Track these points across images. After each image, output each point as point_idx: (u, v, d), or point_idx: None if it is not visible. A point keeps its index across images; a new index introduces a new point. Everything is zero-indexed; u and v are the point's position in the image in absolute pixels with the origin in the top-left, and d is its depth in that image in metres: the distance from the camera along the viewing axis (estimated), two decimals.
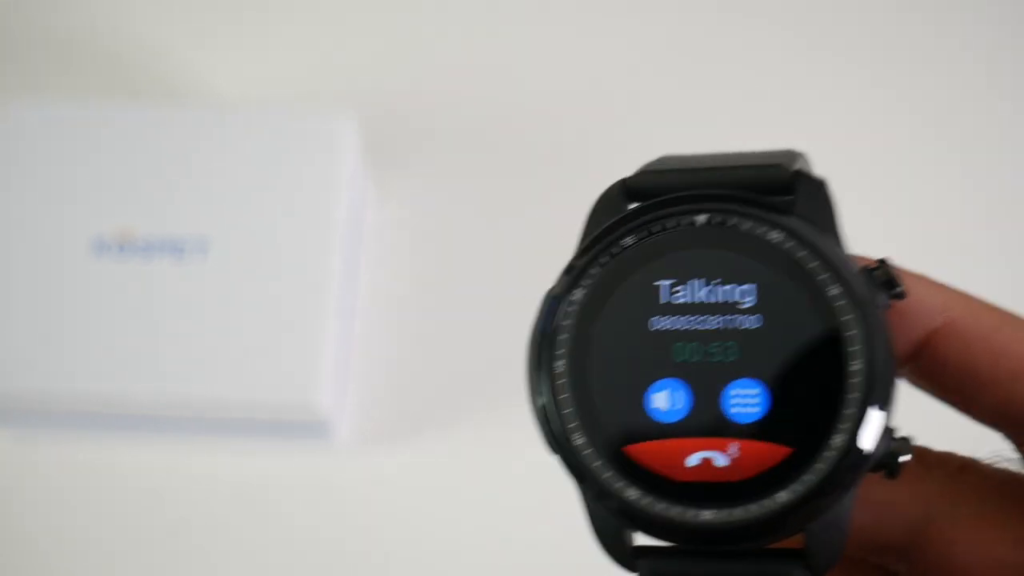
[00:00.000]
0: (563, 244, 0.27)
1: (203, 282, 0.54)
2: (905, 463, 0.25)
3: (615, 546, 0.26)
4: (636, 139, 0.61)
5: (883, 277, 0.25)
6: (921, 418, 0.30)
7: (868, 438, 0.24)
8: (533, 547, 0.58)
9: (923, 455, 0.27)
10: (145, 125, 0.56)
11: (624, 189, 0.27)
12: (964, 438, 0.29)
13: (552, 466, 0.63)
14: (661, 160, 0.28)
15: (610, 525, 0.26)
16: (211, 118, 0.56)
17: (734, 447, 0.25)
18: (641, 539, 0.26)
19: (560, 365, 0.26)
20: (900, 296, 0.25)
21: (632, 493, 0.25)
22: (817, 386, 0.24)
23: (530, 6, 0.65)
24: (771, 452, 0.25)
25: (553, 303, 0.26)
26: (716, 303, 0.25)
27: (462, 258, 0.61)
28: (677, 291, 0.26)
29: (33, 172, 0.55)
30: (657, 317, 0.26)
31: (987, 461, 0.27)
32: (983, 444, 0.28)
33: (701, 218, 0.26)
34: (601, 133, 0.62)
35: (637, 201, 0.27)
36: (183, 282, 0.54)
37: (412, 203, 0.62)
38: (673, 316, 0.26)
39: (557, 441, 0.26)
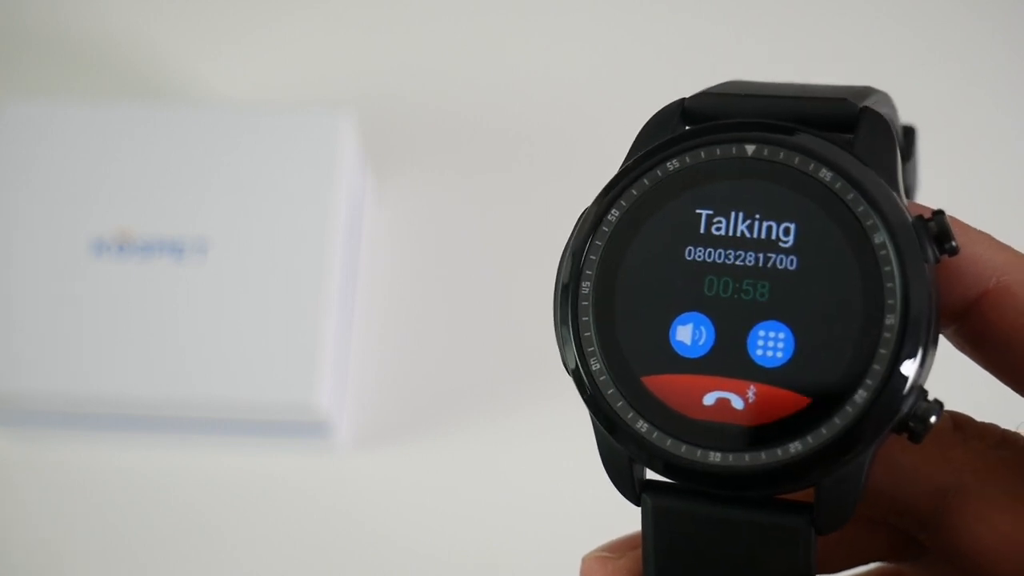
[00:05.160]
0: (564, 243, 0.27)
1: (203, 282, 0.54)
2: (931, 428, 0.23)
3: (622, 479, 0.25)
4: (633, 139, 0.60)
5: (936, 229, 0.24)
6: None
7: (893, 396, 0.23)
8: (533, 547, 0.58)
9: (964, 424, 0.26)
10: (145, 125, 0.56)
11: (681, 110, 0.26)
12: (1013, 412, 0.27)
13: (551, 466, 0.63)
14: (725, 84, 0.27)
15: (618, 457, 0.25)
16: (210, 118, 0.56)
17: (752, 391, 0.24)
18: (652, 473, 0.25)
19: (587, 287, 0.25)
20: (952, 252, 0.24)
21: (643, 425, 0.24)
22: (846, 337, 0.23)
23: (526, 6, 0.65)
24: (789, 400, 0.24)
25: (587, 222, 0.25)
26: (755, 239, 0.24)
27: (462, 257, 0.61)
28: (717, 222, 0.24)
29: (33, 172, 0.55)
30: (693, 247, 0.25)
31: None
32: None
33: (750, 148, 0.24)
34: (600, 131, 0.62)
35: (693, 123, 0.26)
36: (182, 283, 0.54)
37: (412, 202, 0.62)
38: (709, 247, 0.24)
39: (572, 363, 0.25)
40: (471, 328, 0.60)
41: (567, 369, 0.25)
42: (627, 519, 0.31)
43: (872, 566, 0.29)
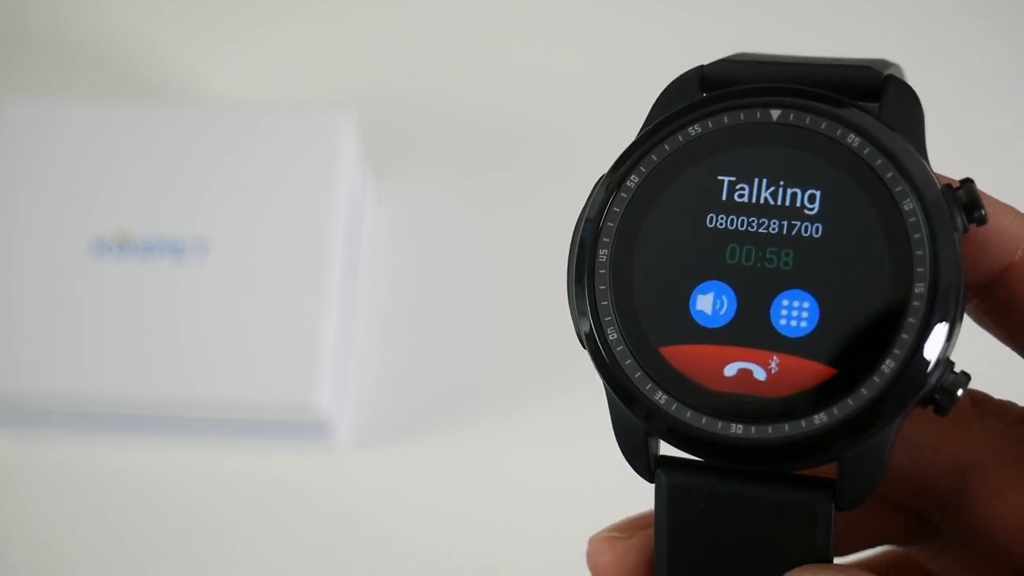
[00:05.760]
0: (565, 243, 0.26)
1: (203, 282, 0.54)
2: (957, 401, 0.23)
3: (637, 454, 0.24)
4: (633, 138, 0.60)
5: (965, 198, 0.23)
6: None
7: (920, 368, 0.22)
8: (533, 547, 0.58)
9: (982, 401, 0.26)
10: (145, 125, 0.56)
11: (700, 76, 0.25)
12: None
13: (551, 466, 0.63)
14: (741, 54, 0.26)
15: (633, 431, 0.24)
16: (211, 118, 0.56)
17: (775, 361, 0.23)
18: (666, 449, 0.25)
19: (604, 255, 0.24)
20: (981, 220, 0.23)
21: (661, 397, 0.24)
22: (873, 307, 0.23)
23: (526, 6, 0.65)
24: (814, 371, 0.23)
25: (604, 189, 0.25)
26: (778, 206, 0.23)
27: (462, 257, 0.61)
28: (740, 188, 0.24)
29: (33, 172, 0.55)
30: (715, 214, 0.24)
31: None
32: None
33: (775, 113, 0.24)
34: (600, 131, 0.62)
35: (712, 91, 0.25)
36: (183, 283, 0.54)
37: (412, 202, 0.62)
38: (732, 215, 0.24)
39: (589, 334, 0.24)
40: (471, 328, 0.60)
41: (581, 336, 0.25)
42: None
43: (882, 549, 0.29)
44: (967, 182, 0.23)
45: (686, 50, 0.64)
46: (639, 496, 0.28)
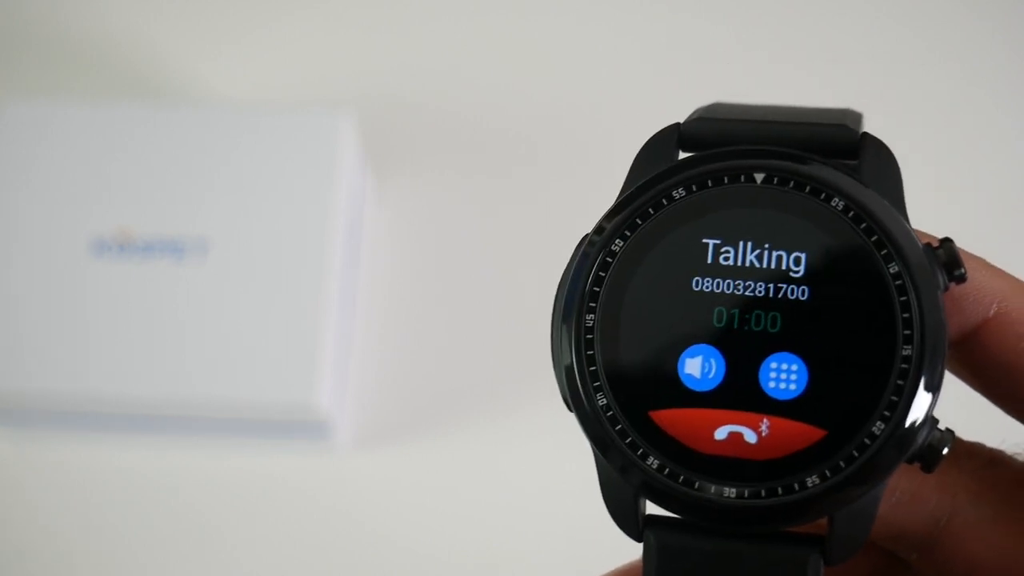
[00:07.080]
0: (565, 243, 0.26)
1: (203, 282, 0.54)
2: (943, 459, 0.23)
3: (625, 514, 0.24)
4: (633, 139, 0.60)
5: (945, 257, 0.23)
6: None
7: (910, 428, 0.23)
8: (533, 547, 0.58)
9: (953, 445, 0.26)
10: (145, 125, 0.56)
11: (678, 135, 0.25)
12: (989, 426, 0.27)
13: (551, 466, 0.63)
14: (715, 107, 0.26)
15: (622, 492, 0.24)
16: (211, 118, 0.56)
17: (766, 424, 0.23)
18: (653, 507, 0.25)
19: (591, 319, 0.24)
20: (961, 278, 0.23)
21: (653, 462, 0.24)
22: (862, 368, 0.23)
23: (526, 6, 0.65)
24: (804, 433, 0.23)
25: (590, 253, 0.25)
26: (764, 269, 0.24)
27: (462, 257, 0.61)
28: (725, 252, 0.24)
29: (33, 172, 0.55)
30: (700, 277, 0.24)
31: (1012, 453, 0.26)
32: (1010, 433, 0.26)
33: (759, 176, 0.24)
34: (600, 131, 0.62)
35: (690, 149, 0.25)
36: (183, 282, 0.54)
37: (412, 202, 0.62)
38: (718, 278, 0.24)
39: (577, 399, 0.24)
40: (471, 328, 0.60)
41: (567, 400, 0.25)
42: None
43: None
44: (946, 241, 0.24)
45: (686, 50, 0.64)
46: None
